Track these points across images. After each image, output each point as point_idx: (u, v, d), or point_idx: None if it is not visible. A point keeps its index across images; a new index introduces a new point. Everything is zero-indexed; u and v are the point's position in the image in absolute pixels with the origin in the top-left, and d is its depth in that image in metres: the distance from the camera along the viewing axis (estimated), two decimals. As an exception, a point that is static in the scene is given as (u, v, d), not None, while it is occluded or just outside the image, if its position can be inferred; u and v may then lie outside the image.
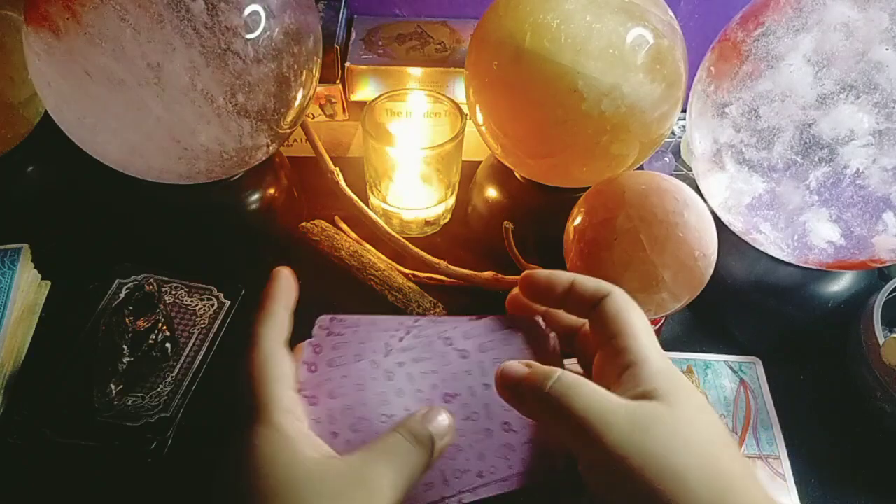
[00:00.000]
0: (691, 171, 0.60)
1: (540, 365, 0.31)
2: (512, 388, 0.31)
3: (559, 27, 0.48)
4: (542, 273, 0.34)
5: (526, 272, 0.34)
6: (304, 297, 0.57)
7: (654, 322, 0.53)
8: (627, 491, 0.27)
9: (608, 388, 0.30)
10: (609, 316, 0.32)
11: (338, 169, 0.63)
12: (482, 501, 0.31)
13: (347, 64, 0.65)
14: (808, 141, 0.46)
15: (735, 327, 0.58)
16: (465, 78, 0.57)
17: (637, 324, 0.31)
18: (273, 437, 0.29)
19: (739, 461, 0.29)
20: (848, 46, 0.44)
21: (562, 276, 0.33)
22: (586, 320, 0.34)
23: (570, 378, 0.29)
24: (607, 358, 0.31)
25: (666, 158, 0.70)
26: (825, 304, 0.59)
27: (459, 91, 0.65)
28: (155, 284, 0.52)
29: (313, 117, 0.68)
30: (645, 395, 0.29)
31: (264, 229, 0.62)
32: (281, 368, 0.31)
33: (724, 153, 0.51)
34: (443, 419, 0.31)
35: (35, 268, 0.56)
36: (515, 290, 0.36)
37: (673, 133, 0.71)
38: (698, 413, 0.29)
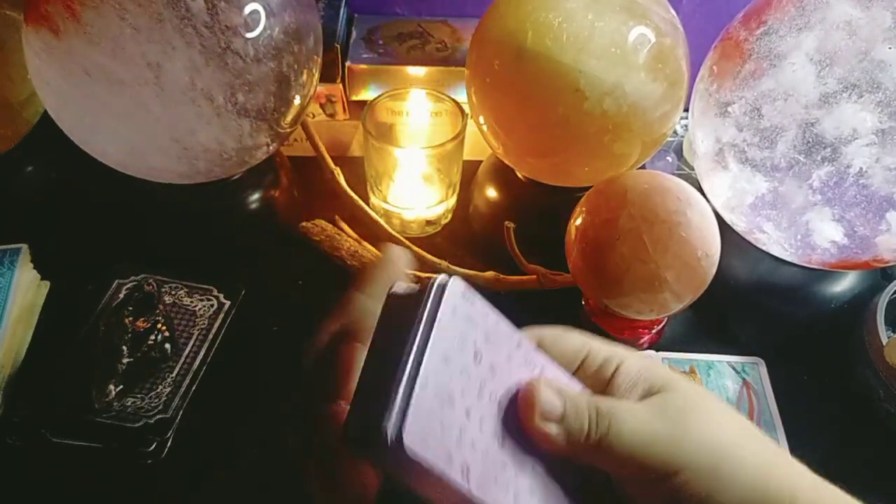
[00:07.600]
0: (693, 170, 0.59)
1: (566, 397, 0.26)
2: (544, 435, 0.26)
3: (561, 26, 0.48)
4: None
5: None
6: (304, 298, 0.58)
7: (656, 322, 0.53)
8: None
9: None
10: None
11: (338, 168, 0.62)
12: None
13: (348, 63, 0.65)
14: (810, 140, 0.46)
15: (738, 328, 0.58)
16: (466, 77, 0.56)
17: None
18: None
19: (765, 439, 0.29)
20: (851, 45, 0.44)
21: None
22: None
23: (613, 419, 0.25)
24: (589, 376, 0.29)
25: (668, 158, 0.69)
26: (828, 304, 0.59)
27: (460, 90, 0.64)
28: (154, 285, 0.52)
29: (314, 116, 0.67)
30: (650, 392, 0.27)
31: (264, 229, 0.62)
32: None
33: (726, 152, 0.51)
34: None
35: (34, 268, 0.56)
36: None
37: (675, 132, 0.71)
38: (705, 393, 0.28)
